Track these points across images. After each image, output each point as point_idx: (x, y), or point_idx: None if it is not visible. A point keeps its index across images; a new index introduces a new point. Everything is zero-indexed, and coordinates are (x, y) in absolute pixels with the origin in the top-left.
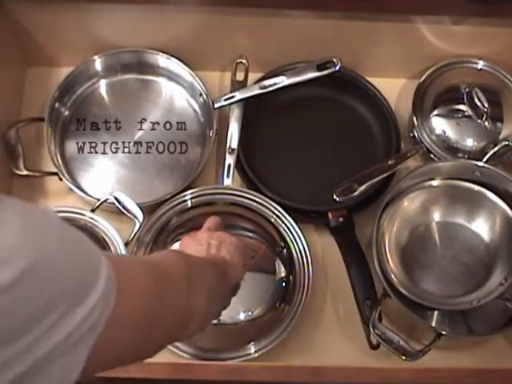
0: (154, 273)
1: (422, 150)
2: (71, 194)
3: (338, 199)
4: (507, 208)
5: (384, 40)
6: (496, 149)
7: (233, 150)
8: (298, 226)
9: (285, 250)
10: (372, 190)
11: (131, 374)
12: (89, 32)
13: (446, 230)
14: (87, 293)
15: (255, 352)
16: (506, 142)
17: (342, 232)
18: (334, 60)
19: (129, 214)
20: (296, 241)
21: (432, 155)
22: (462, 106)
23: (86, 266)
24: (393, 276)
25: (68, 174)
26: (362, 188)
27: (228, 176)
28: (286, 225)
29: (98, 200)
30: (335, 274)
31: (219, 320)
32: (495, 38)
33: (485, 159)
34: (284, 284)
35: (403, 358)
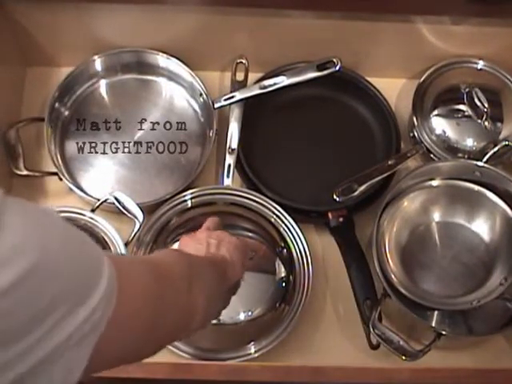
0: (155, 272)
1: (421, 150)
2: (71, 193)
3: (337, 199)
4: (507, 208)
5: (384, 40)
6: (496, 149)
7: (233, 150)
8: (298, 226)
9: (285, 250)
10: (372, 190)
11: (131, 374)
12: (89, 32)
13: (445, 230)
14: (89, 293)
15: (255, 352)
16: (506, 142)
17: (342, 232)
18: (334, 60)
19: (129, 214)
20: (296, 241)
21: (432, 155)
22: (462, 106)
23: (88, 266)
24: (393, 276)
25: (68, 173)
26: (362, 188)
27: (228, 176)
28: (286, 225)
29: (98, 200)
30: (335, 274)
31: (219, 320)
32: (495, 38)
33: (485, 159)
34: (284, 284)
35: (403, 358)
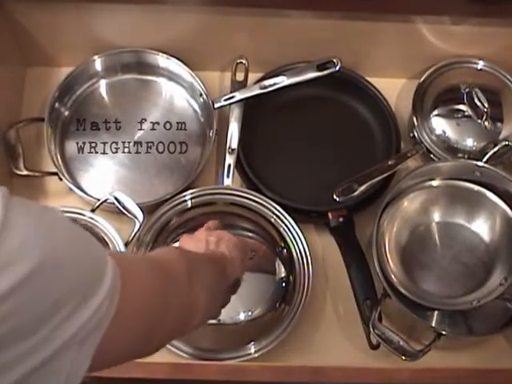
0: (157, 270)
1: (421, 150)
2: (71, 193)
3: (337, 199)
4: (507, 208)
5: (384, 40)
6: (496, 149)
7: (233, 150)
8: (298, 226)
9: (285, 250)
10: (372, 190)
11: (131, 374)
12: (89, 32)
13: (446, 230)
14: (93, 292)
15: (255, 352)
16: (506, 142)
17: (342, 232)
18: (334, 60)
19: (129, 214)
20: (296, 241)
21: (432, 155)
22: (462, 106)
23: (92, 265)
24: (393, 276)
25: (68, 174)
26: (362, 188)
27: (228, 176)
28: (286, 225)
29: (98, 200)
30: (335, 274)
31: (219, 320)
32: (495, 38)
33: (485, 159)
34: (284, 284)
35: (403, 358)
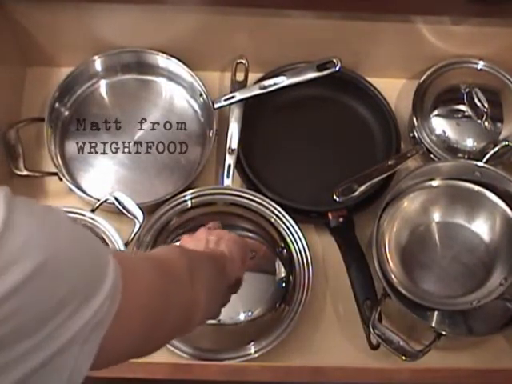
0: (159, 268)
1: (422, 150)
2: (71, 194)
3: (337, 199)
4: (507, 208)
5: (384, 40)
6: (496, 149)
7: (233, 150)
8: (298, 226)
9: (285, 250)
10: (372, 190)
11: (131, 374)
12: (89, 32)
13: (446, 230)
14: (95, 292)
15: (255, 352)
16: (506, 142)
17: (342, 232)
18: (334, 60)
19: (129, 214)
20: (296, 241)
21: (432, 155)
22: (462, 106)
23: (94, 264)
24: (393, 276)
25: (68, 174)
26: (362, 188)
27: (228, 176)
28: (286, 225)
29: (98, 200)
30: (335, 274)
31: (219, 320)
32: (495, 38)
33: (485, 159)
34: (284, 284)
35: (403, 358)
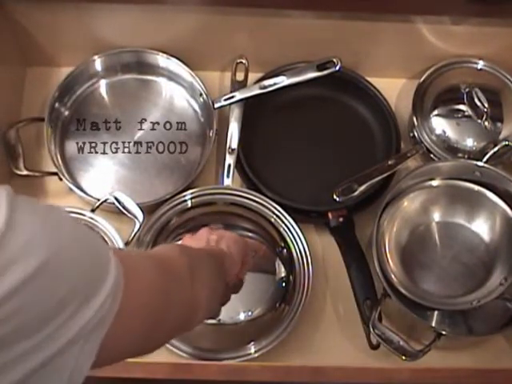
0: (159, 267)
1: (421, 150)
2: (71, 194)
3: (337, 199)
4: (507, 208)
5: (384, 40)
6: (496, 149)
7: (233, 150)
8: (298, 226)
9: (285, 250)
10: (372, 190)
11: (131, 373)
12: (89, 32)
13: (446, 230)
14: (96, 291)
15: (255, 352)
16: (506, 142)
17: (342, 232)
18: (334, 60)
19: (129, 214)
20: (296, 241)
21: (432, 155)
22: (462, 106)
23: (95, 265)
24: (393, 276)
25: (68, 174)
26: (362, 188)
27: (228, 176)
28: (286, 225)
29: (98, 200)
30: (335, 274)
31: (219, 320)
32: (495, 38)
33: (485, 159)
34: (284, 284)
35: (403, 358)
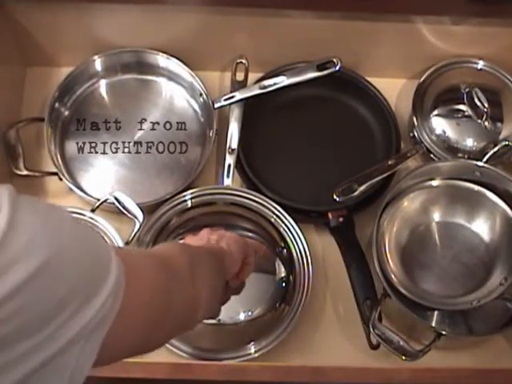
0: (161, 265)
1: (422, 150)
2: (71, 193)
3: (337, 199)
4: (507, 208)
5: (384, 40)
6: (496, 149)
7: (233, 150)
8: (298, 225)
9: (285, 250)
10: (372, 190)
11: (131, 373)
12: (89, 32)
13: (446, 230)
14: (98, 290)
15: (255, 352)
16: (506, 142)
17: (342, 232)
18: (334, 60)
19: (129, 214)
20: (296, 241)
21: (432, 155)
22: (462, 106)
23: (95, 265)
24: (393, 276)
25: (68, 174)
26: (362, 188)
27: (228, 176)
28: (286, 225)
29: (98, 200)
30: (335, 274)
31: (219, 320)
32: (495, 38)
33: (485, 159)
34: (284, 284)
35: (403, 358)
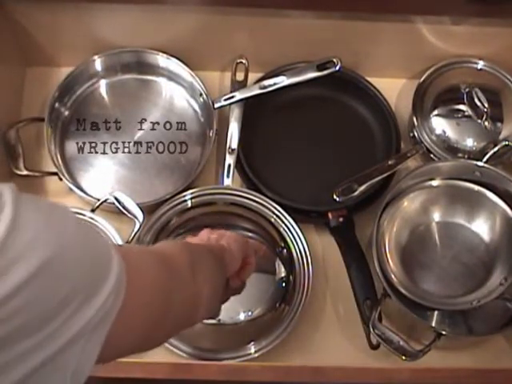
0: (162, 263)
1: (421, 150)
2: (71, 193)
3: (337, 199)
4: (507, 208)
5: (384, 40)
6: (496, 149)
7: (233, 150)
8: (298, 225)
9: (285, 250)
10: (372, 190)
11: (131, 373)
12: (89, 32)
13: (446, 230)
14: (97, 291)
15: (255, 352)
16: (506, 142)
17: (342, 232)
18: (334, 60)
19: (129, 214)
20: (296, 241)
21: (432, 155)
22: (462, 106)
23: (96, 264)
24: (393, 276)
25: (68, 173)
26: (362, 188)
27: (228, 176)
28: (286, 225)
29: (98, 200)
30: (335, 274)
31: (219, 320)
32: (495, 38)
33: (485, 159)
34: (284, 284)
35: (403, 358)
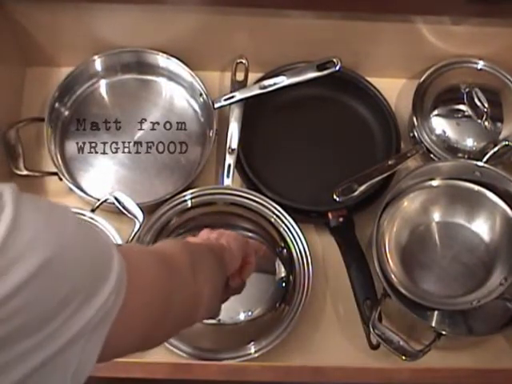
0: (163, 263)
1: (421, 150)
2: (71, 193)
3: (337, 199)
4: (507, 208)
5: (384, 40)
6: (496, 149)
7: (233, 150)
8: (298, 225)
9: (285, 250)
10: (372, 190)
11: (131, 373)
12: (89, 32)
13: (446, 230)
14: (97, 291)
15: (255, 352)
16: (506, 142)
17: (342, 232)
18: (334, 60)
19: (129, 214)
20: (296, 241)
21: (432, 155)
22: (462, 106)
23: (97, 263)
24: (393, 276)
25: (68, 173)
26: (362, 188)
27: (228, 176)
28: (286, 225)
29: (98, 200)
30: (335, 274)
31: (219, 320)
32: (495, 38)
33: (485, 159)
34: (284, 284)
35: (403, 358)
